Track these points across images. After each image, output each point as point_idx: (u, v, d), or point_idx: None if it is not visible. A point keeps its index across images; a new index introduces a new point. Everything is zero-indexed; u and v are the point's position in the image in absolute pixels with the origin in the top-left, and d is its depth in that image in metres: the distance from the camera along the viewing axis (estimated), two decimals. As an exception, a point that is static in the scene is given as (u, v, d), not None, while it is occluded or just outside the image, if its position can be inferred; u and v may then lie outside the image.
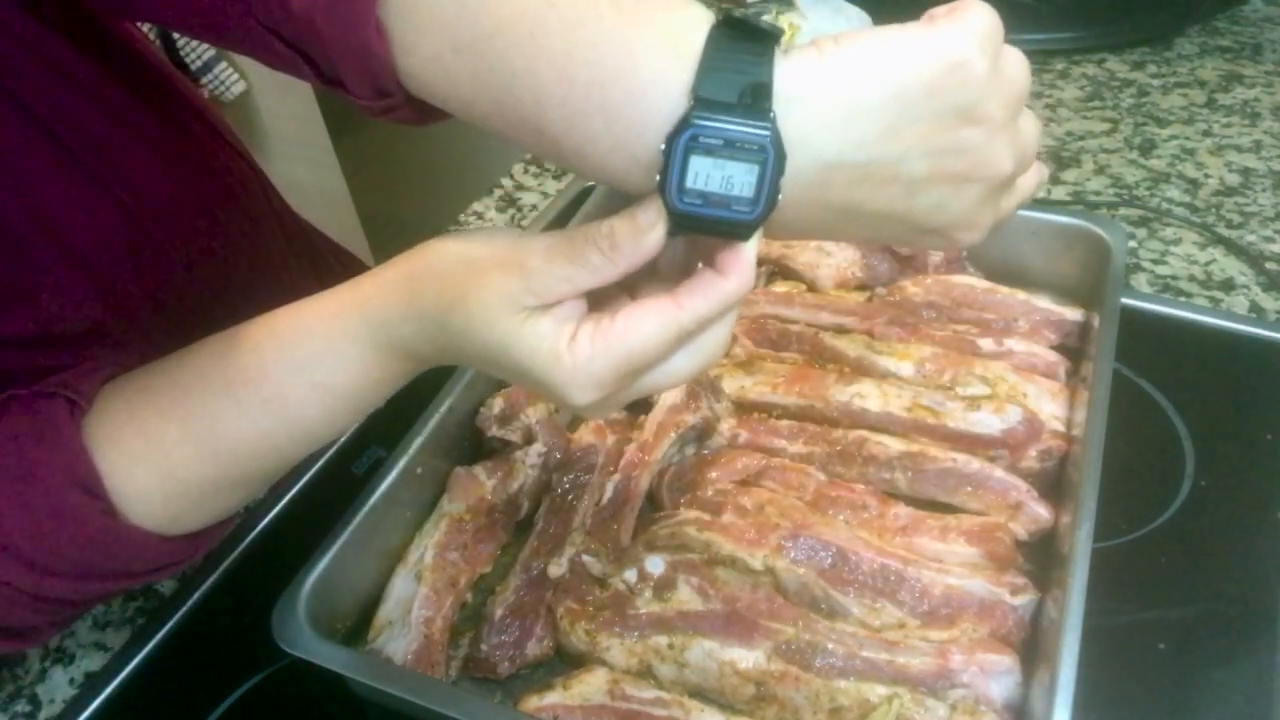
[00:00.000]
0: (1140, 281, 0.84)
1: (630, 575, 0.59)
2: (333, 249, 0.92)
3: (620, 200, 0.40)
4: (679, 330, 0.40)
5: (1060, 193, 0.95)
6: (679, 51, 0.37)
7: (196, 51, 1.53)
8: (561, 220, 0.89)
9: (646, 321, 0.40)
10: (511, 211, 1.00)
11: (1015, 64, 0.42)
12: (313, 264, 0.85)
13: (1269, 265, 0.84)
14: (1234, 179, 0.95)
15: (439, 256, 0.44)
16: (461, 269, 0.42)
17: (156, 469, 0.47)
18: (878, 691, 0.52)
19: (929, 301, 0.76)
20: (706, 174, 0.37)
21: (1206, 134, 1.02)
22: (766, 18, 1.25)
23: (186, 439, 0.47)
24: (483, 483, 0.64)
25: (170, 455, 0.47)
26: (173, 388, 0.48)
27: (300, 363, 0.47)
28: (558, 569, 0.60)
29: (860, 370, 0.71)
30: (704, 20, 0.37)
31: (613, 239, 0.39)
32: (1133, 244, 0.87)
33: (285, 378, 0.47)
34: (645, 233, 0.39)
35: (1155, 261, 0.86)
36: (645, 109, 0.37)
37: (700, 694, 0.55)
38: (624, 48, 0.37)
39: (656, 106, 0.37)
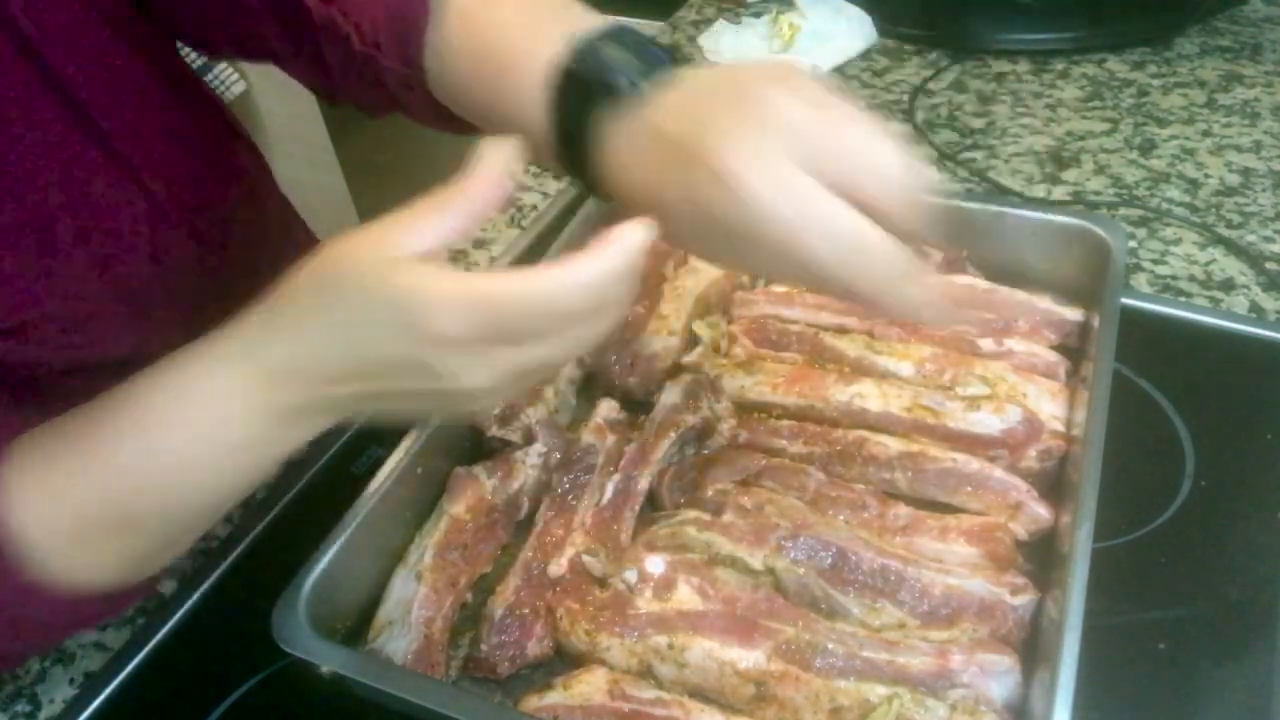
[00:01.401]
0: (1140, 281, 0.84)
1: (630, 575, 0.59)
2: None
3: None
4: (549, 293, 0.41)
5: (1060, 193, 0.95)
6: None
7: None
8: (561, 220, 0.89)
9: (514, 278, 0.41)
10: (511, 211, 1.00)
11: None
12: None
13: (1269, 265, 0.84)
14: (1234, 179, 0.95)
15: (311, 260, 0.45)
16: (330, 251, 0.44)
17: (61, 523, 0.46)
18: (878, 691, 0.52)
19: (929, 301, 0.76)
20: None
21: (1206, 134, 1.02)
22: (767, 18, 1.25)
23: (89, 492, 0.46)
24: (483, 483, 0.64)
25: (75, 509, 0.46)
26: (77, 440, 0.47)
27: (183, 411, 0.45)
28: (558, 569, 0.60)
29: (860, 370, 0.71)
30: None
31: (465, 182, 0.42)
32: (1133, 244, 0.87)
33: (170, 426, 0.46)
34: (496, 167, 0.42)
35: (1155, 261, 0.86)
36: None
37: (700, 694, 0.55)
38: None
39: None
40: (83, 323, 0.59)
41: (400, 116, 0.69)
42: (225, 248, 0.68)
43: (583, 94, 0.50)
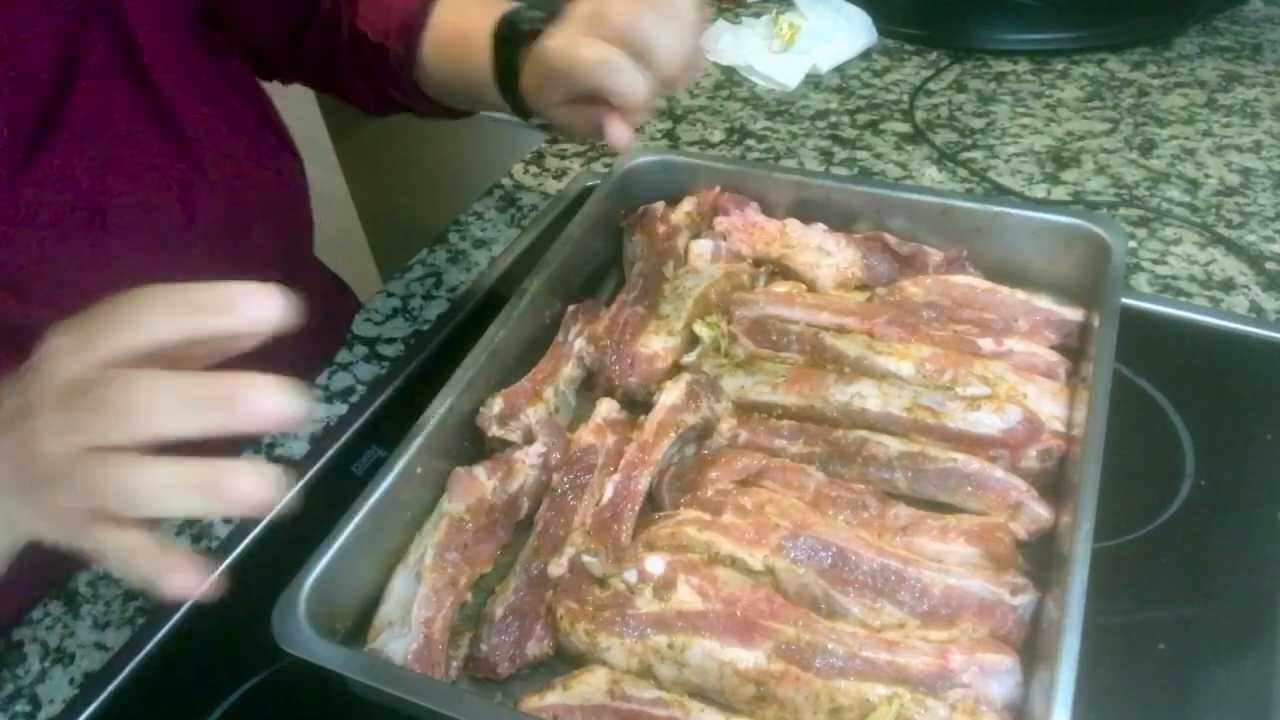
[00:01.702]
0: (1140, 281, 0.84)
1: (630, 575, 0.59)
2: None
3: (619, 199, 0.41)
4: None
5: (1060, 193, 0.95)
6: None
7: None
8: (562, 220, 0.89)
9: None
10: (511, 211, 1.00)
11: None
12: (324, 293, 0.87)
13: (1269, 265, 0.84)
14: (1234, 179, 0.95)
15: None
16: None
17: None
18: (878, 691, 0.52)
19: (929, 301, 0.76)
20: None
21: (1206, 134, 1.02)
22: (767, 18, 1.25)
23: None
24: (483, 483, 0.64)
25: None
26: None
27: None
28: (558, 569, 0.60)
29: (860, 370, 0.71)
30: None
31: None
32: (1133, 244, 0.87)
33: None
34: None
35: (1155, 261, 0.86)
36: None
37: (700, 694, 0.55)
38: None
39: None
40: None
41: (398, 118, 0.87)
42: (257, 250, 0.73)
43: (512, 38, 0.72)
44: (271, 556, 0.67)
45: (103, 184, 0.62)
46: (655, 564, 0.59)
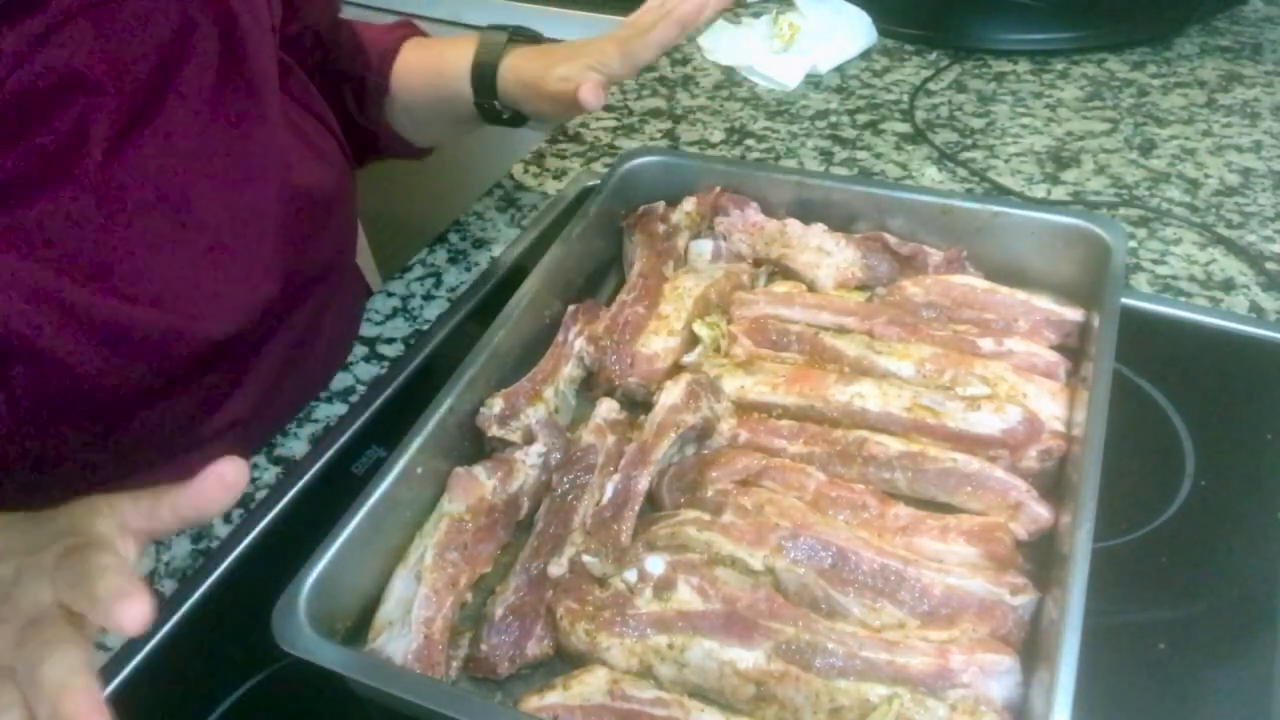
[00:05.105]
0: (1140, 281, 0.84)
1: (630, 575, 0.59)
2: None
3: (619, 199, 0.41)
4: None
5: (1060, 193, 0.95)
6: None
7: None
8: (562, 220, 0.89)
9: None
10: (511, 211, 1.00)
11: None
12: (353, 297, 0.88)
13: (1269, 265, 0.84)
14: (1234, 179, 0.95)
15: None
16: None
17: None
18: (878, 691, 0.52)
19: (929, 301, 0.76)
20: None
21: (1206, 134, 1.02)
22: (767, 18, 1.25)
23: None
24: (483, 483, 0.64)
25: None
26: None
27: None
28: (558, 569, 0.60)
29: (860, 370, 0.71)
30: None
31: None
32: (1133, 244, 0.87)
33: None
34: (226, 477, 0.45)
35: (1155, 261, 0.86)
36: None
37: (700, 694, 0.55)
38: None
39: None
40: (197, 295, 0.64)
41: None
42: (317, 252, 0.75)
43: (494, 41, 0.84)
44: (271, 556, 0.67)
45: (188, 178, 0.63)
46: (655, 564, 0.59)
